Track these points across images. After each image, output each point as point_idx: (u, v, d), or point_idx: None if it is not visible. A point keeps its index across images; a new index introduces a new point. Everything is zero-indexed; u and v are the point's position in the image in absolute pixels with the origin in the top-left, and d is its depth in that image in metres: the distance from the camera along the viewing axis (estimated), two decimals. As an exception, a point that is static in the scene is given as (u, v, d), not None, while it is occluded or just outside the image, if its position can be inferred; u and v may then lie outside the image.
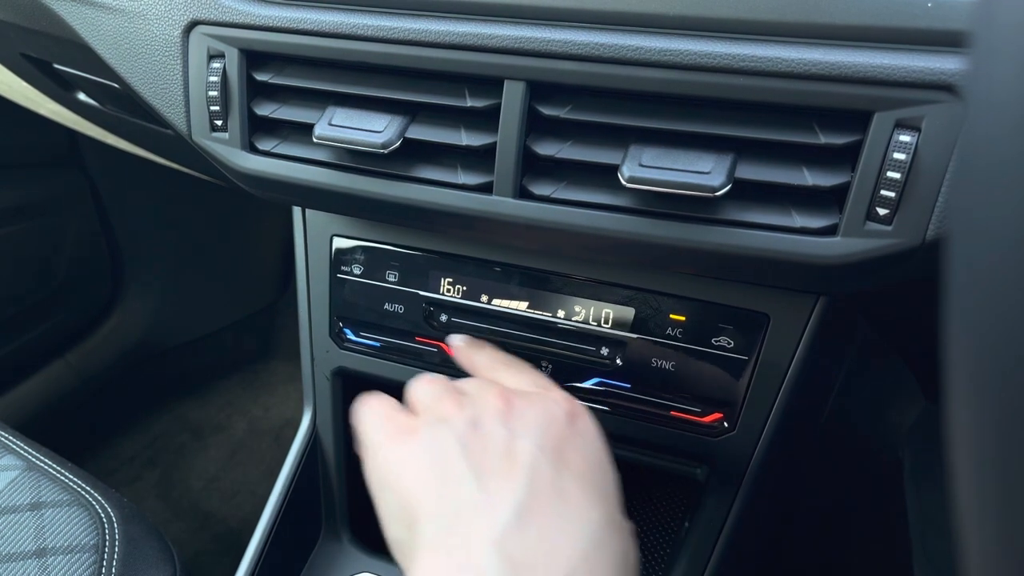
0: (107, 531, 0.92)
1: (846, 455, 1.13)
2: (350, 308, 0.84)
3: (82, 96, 1.13)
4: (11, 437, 1.07)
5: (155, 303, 2.01)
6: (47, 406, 1.83)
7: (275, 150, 0.73)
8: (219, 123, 0.74)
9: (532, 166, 0.65)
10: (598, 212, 0.63)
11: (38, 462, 1.02)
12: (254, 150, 0.73)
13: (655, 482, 1.04)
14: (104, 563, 0.88)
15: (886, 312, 0.73)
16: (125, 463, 1.94)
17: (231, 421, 2.06)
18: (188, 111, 0.74)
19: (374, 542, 0.91)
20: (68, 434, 1.88)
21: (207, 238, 2.06)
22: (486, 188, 0.66)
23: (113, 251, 1.91)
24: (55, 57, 0.98)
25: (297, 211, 0.86)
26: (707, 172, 0.59)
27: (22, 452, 1.04)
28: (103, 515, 0.94)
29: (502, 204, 0.65)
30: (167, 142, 1.15)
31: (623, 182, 0.60)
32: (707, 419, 0.73)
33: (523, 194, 0.65)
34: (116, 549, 0.90)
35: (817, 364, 0.71)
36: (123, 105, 1.02)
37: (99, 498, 0.96)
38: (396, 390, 0.85)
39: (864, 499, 1.26)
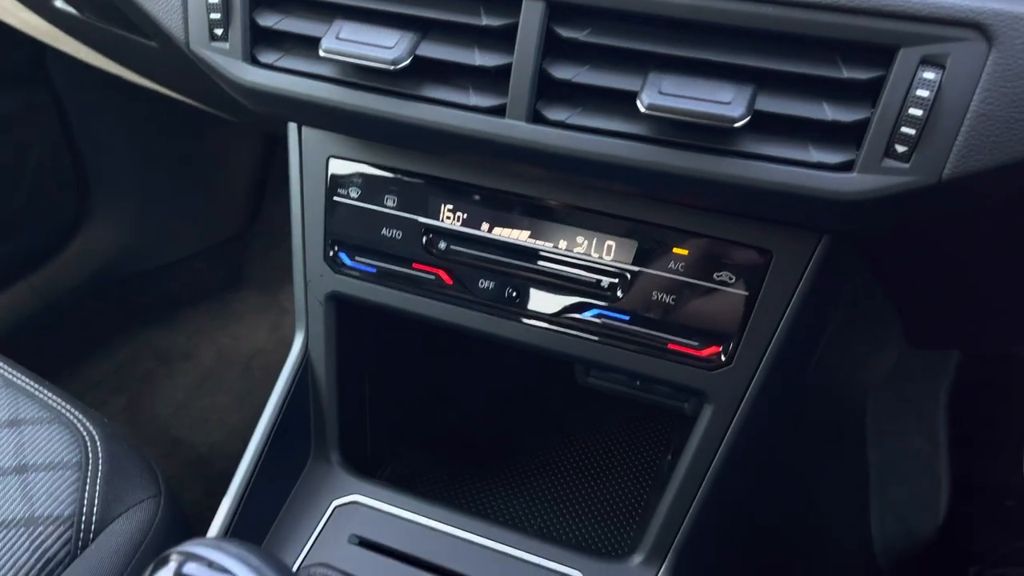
0: (90, 449, 0.91)
1: (819, 401, 1.16)
2: (346, 232, 0.83)
3: (59, 3, 1.08)
4: (-15, 354, 1.05)
5: (122, 227, 1.96)
6: (9, 328, 1.79)
7: (278, 63, 0.70)
8: (219, 32, 0.71)
9: (547, 90, 0.64)
10: (614, 140, 0.62)
11: (14, 379, 1.01)
12: (255, 62, 0.71)
13: (638, 417, 1.06)
14: (88, 481, 0.87)
15: (887, 253, 0.74)
16: (91, 388, 1.91)
17: (199, 349, 2.04)
18: (186, 18, 0.72)
19: (363, 465, 0.91)
20: (31, 357, 1.83)
21: (177, 163, 2.01)
22: (498, 111, 0.65)
23: (79, 172, 1.85)
24: (35, -43, 0.93)
25: (292, 130, 0.83)
26: (727, 103, 0.58)
27: (-3, 369, 1.02)
28: (85, 433, 0.92)
29: (515, 128, 0.64)
30: (148, 56, 1.11)
31: (642, 109, 0.59)
32: (704, 352, 0.74)
33: (537, 118, 0.64)
34: (100, 467, 0.89)
35: (815, 303, 0.72)
36: (105, 12, 0.98)
37: (80, 416, 0.95)
38: (392, 316, 0.85)
39: (830, 447, 1.29)
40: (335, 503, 0.85)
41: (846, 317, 0.84)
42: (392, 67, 0.64)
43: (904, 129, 0.56)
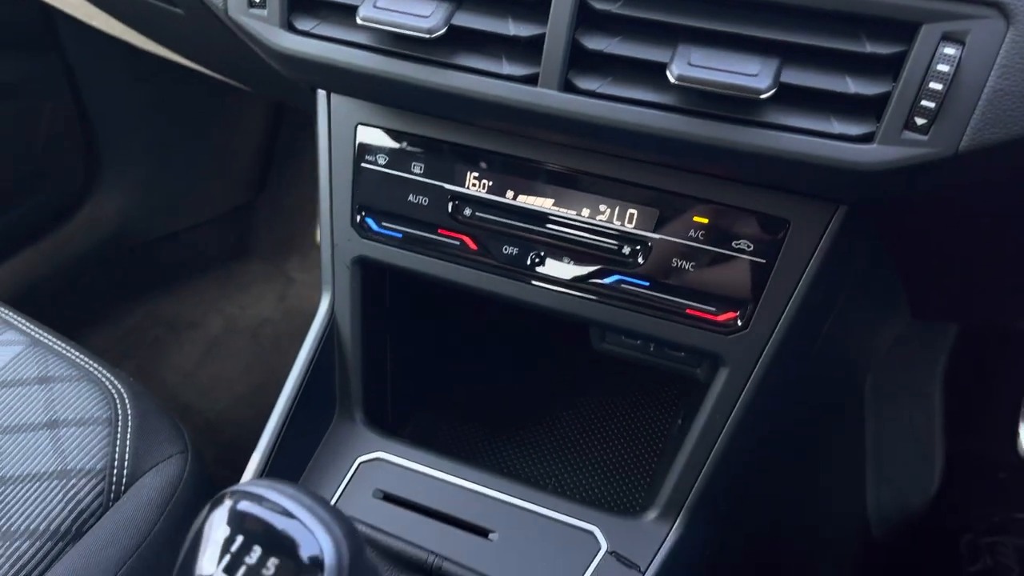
0: (119, 406, 0.93)
1: (822, 373, 1.19)
2: (373, 198, 0.85)
3: (83, -32, 1.09)
4: (11, 313, 1.07)
5: (130, 195, 1.98)
6: (19, 293, 1.81)
7: (314, 30, 0.72)
8: (257, -1, 0.73)
9: (579, 60, 0.66)
10: (643, 109, 0.65)
11: (42, 338, 1.03)
12: (293, 29, 0.73)
13: (648, 383, 1.09)
14: (119, 436, 0.90)
15: (899, 225, 0.77)
16: (99, 354, 1.93)
17: (206, 318, 2.06)
18: (225, -16, 0.73)
19: (385, 424, 0.94)
20: (41, 322, 1.86)
21: (185, 133, 2.02)
22: (531, 80, 0.67)
23: (88, 139, 1.86)
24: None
25: (322, 98, 0.85)
26: (754, 75, 0.61)
27: (24, 328, 1.04)
28: (113, 391, 0.95)
29: (547, 97, 0.67)
30: (170, 24, 1.12)
31: (671, 79, 0.61)
32: (721, 317, 0.77)
33: (568, 87, 0.66)
34: (129, 423, 0.91)
35: (828, 272, 0.74)
36: (132, -22, 0.99)
37: (107, 375, 0.98)
38: (415, 280, 0.87)
39: (830, 419, 1.33)
40: (360, 459, 0.88)
41: (854, 291, 0.87)
42: (428, 35, 0.67)
43: (924, 103, 0.58)
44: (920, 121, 0.59)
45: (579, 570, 0.80)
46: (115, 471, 0.87)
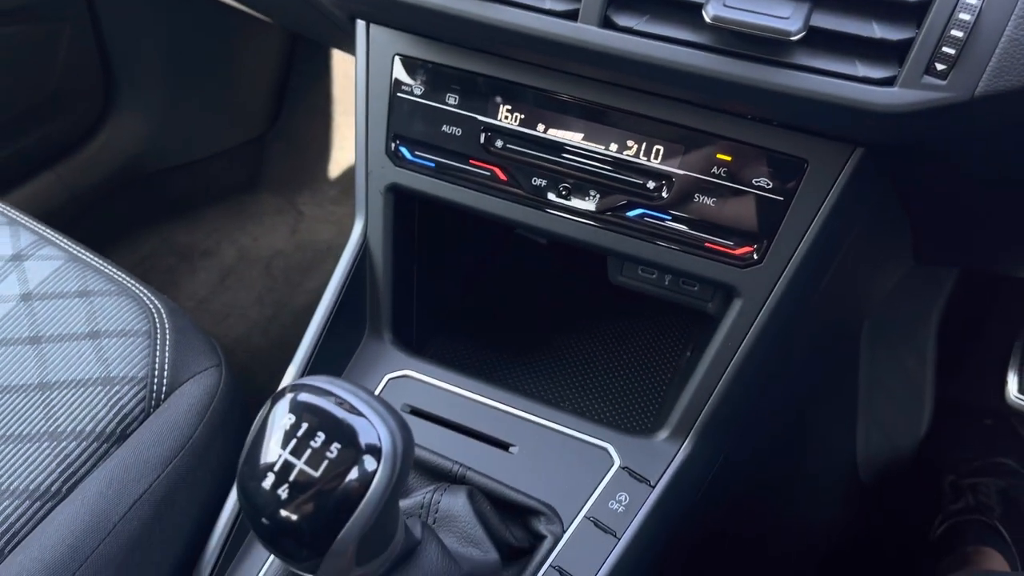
0: (156, 320, 0.98)
1: (822, 315, 1.24)
2: (407, 128, 0.89)
3: None
4: (48, 230, 1.11)
5: (146, 123, 2.00)
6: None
7: (361, -41, 0.75)
8: (307, -73, 0.75)
9: (618, -3, 0.70)
10: (678, 47, 0.68)
11: (79, 255, 1.07)
12: (339, -43, 0.76)
13: (660, 316, 1.14)
14: (158, 347, 0.95)
15: (912, 169, 0.81)
16: (117, 279, 1.97)
17: (220, 247, 2.10)
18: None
19: (413, 344, 0.99)
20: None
21: (200, 63, 2.03)
22: (571, 15, 0.71)
23: (106, 65, 1.87)
24: None
25: (360, 28, 0.88)
26: (786, 17, 0.64)
27: (62, 245, 1.08)
28: (151, 306, 0.99)
29: (586, 32, 0.70)
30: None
31: (707, 19, 0.65)
32: (739, 251, 0.81)
33: (607, 24, 0.70)
34: (167, 336, 0.96)
35: (841, 212, 0.79)
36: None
37: (144, 291, 1.02)
38: (443, 208, 0.91)
39: (825, 361, 1.38)
40: (388, 376, 0.93)
41: (862, 232, 0.91)
42: (472, -32, 0.70)
43: (945, 49, 0.62)
44: (940, 67, 0.63)
45: (594, 483, 0.86)
46: (155, 379, 0.92)
